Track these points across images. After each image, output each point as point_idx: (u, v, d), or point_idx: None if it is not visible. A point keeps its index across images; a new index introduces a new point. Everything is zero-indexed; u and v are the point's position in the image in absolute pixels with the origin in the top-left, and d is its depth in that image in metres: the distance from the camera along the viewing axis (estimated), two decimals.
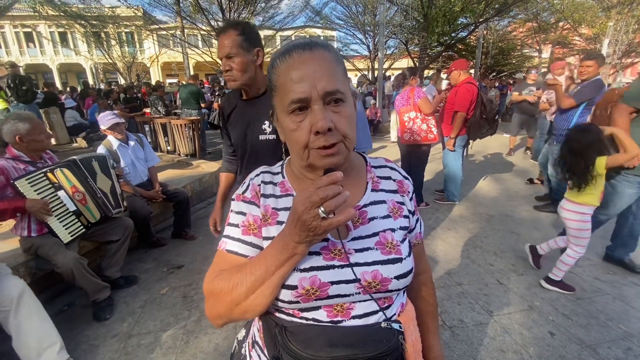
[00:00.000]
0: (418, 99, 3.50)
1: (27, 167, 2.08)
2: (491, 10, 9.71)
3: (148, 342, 1.98)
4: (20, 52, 24.30)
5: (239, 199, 0.70)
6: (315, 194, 0.48)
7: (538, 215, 3.64)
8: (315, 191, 0.48)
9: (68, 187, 2.17)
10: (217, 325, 0.63)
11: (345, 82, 0.61)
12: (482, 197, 4.24)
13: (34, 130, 2.06)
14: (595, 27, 15.19)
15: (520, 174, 5.18)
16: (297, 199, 0.51)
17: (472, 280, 2.50)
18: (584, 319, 2.07)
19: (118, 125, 2.90)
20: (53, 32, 22.68)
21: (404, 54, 13.26)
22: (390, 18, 12.09)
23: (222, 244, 0.67)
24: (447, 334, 1.97)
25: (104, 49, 15.56)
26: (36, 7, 12.48)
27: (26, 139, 2.04)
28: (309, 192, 0.49)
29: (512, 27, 17.93)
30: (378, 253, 0.63)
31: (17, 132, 2.01)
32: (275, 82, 0.61)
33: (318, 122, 0.55)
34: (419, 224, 0.78)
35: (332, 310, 0.62)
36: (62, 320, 2.16)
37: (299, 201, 0.50)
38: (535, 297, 2.27)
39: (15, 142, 2.03)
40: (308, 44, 0.59)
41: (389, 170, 0.76)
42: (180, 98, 6.38)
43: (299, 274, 0.59)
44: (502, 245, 3.01)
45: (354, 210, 0.49)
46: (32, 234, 2.07)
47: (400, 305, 0.71)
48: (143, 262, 2.89)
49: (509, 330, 1.98)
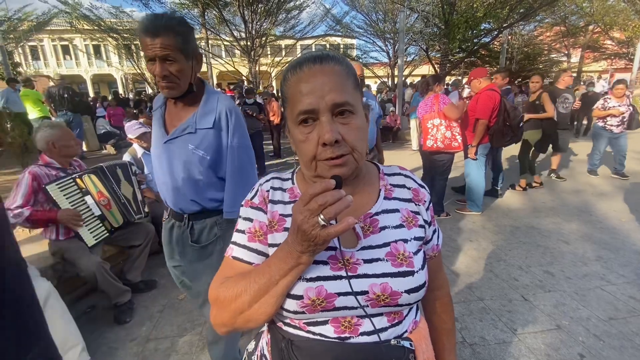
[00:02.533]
0: (443, 106, 3.44)
1: (58, 173, 2.19)
2: (516, 15, 9.47)
3: (165, 347, 2.01)
4: (58, 64, 25.96)
5: (247, 204, 0.70)
6: (314, 201, 0.46)
7: (566, 227, 3.47)
8: (314, 199, 0.46)
9: (94, 193, 2.26)
10: (221, 332, 0.63)
11: (356, 95, 0.60)
12: (506, 208, 4.09)
13: (65, 136, 2.19)
14: (628, 31, 14.50)
15: (547, 184, 4.96)
16: (296, 207, 0.50)
17: (494, 295, 2.39)
18: (617, 341, 1.93)
19: (145, 135, 3.02)
20: (88, 45, 24.10)
21: (425, 60, 13.12)
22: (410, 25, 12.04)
23: (229, 250, 0.68)
24: (467, 351, 1.89)
25: (133, 60, 16.34)
26: (73, 21, 13.31)
27: (58, 144, 2.16)
28: (307, 199, 0.47)
29: (539, 32, 17.42)
30: (388, 265, 0.61)
31: (50, 138, 2.13)
32: (286, 94, 0.61)
33: (325, 134, 0.55)
34: (436, 236, 0.75)
35: (339, 326, 0.60)
36: (84, 322, 2.24)
37: (297, 210, 0.49)
38: (563, 316, 2.15)
39: (48, 148, 2.15)
40: (319, 57, 0.59)
41: (403, 178, 0.74)
42: None
43: (305, 283, 0.58)
44: (528, 259, 2.88)
45: (352, 218, 0.47)
46: (60, 237, 2.16)
47: (413, 322, 0.68)
48: (163, 267, 2.93)
49: (535, 351, 1.87)
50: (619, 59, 17.94)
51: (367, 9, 14.84)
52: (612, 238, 3.20)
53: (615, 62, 19.53)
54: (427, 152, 3.61)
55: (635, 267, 2.68)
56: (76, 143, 2.28)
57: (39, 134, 2.14)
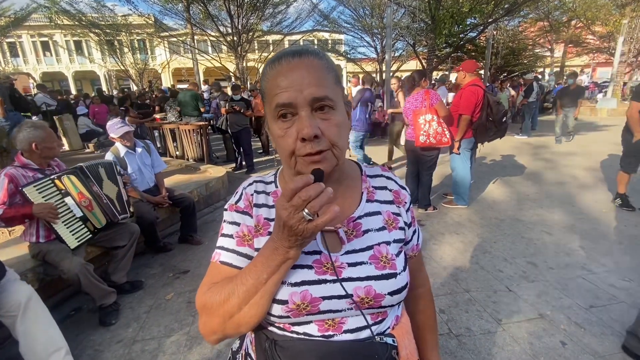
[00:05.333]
0: (436, 102, 3.46)
1: (36, 174, 2.12)
2: (500, 10, 9.56)
3: (152, 348, 1.99)
4: (37, 61, 25.12)
5: (232, 209, 0.69)
6: (297, 197, 0.46)
7: (549, 218, 3.55)
8: (297, 194, 0.46)
9: (75, 194, 2.20)
10: (211, 342, 0.61)
11: (337, 90, 0.59)
12: (491, 201, 4.16)
13: (48, 138, 2.12)
14: (609, 25, 14.85)
15: (531, 177, 5.07)
16: (279, 204, 0.49)
17: (480, 286, 2.44)
18: (597, 328, 1.99)
19: (128, 134, 2.95)
20: (69, 40, 23.38)
21: (412, 55, 13.17)
22: (397, 20, 12.05)
23: (216, 255, 0.66)
24: (453, 342, 1.92)
25: (117, 56, 15.92)
26: (52, 16, 12.88)
27: (41, 145, 2.09)
28: (289, 194, 0.47)
29: (523, 27, 17.67)
30: (372, 268, 0.61)
31: (33, 139, 2.06)
32: (265, 88, 0.60)
33: (304, 128, 0.53)
34: (416, 236, 0.76)
35: (323, 325, 0.60)
36: (69, 325, 2.20)
37: (281, 206, 0.48)
38: (546, 305, 2.20)
39: (30, 149, 2.08)
40: (298, 52, 0.58)
41: (385, 179, 0.74)
42: (180, 104, 6.43)
43: (289, 288, 0.58)
44: (512, 250, 2.94)
45: (337, 207, 0.47)
46: (40, 240, 2.10)
47: (395, 318, 0.68)
48: (149, 267, 2.92)
49: (518, 340, 1.92)
50: (601, 53, 18.37)
51: (354, 4, 14.75)
52: (594, 228, 3.29)
53: (597, 56, 20.00)
54: (418, 148, 3.63)
55: (615, 256, 2.76)
56: (58, 144, 2.22)
57: (21, 134, 2.06)
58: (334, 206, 0.47)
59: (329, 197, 0.46)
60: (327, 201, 0.46)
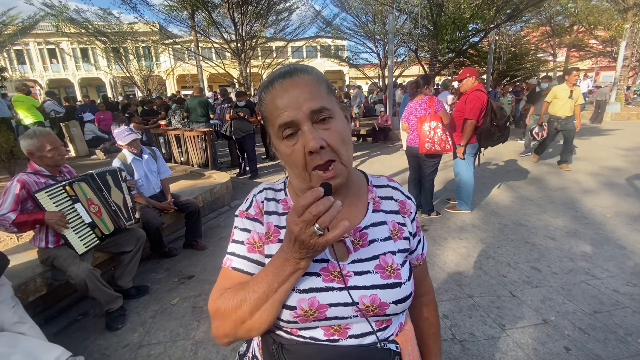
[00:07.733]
0: (441, 109, 3.48)
1: (48, 180, 2.17)
2: (502, 16, 9.62)
3: (157, 352, 2.01)
4: (44, 68, 25.50)
5: (242, 215, 0.71)
6: (308, 212, 0.48)
7: (552, 223, 3.55)
8: (308, 209, 0.48)
9: (84, 200, 2.25)
10: (223, 344, 0.63)
11: (331, 99, 0.62)
12: (495, 206, 4.16)
13: (42, 146, 2.12)
14: (612, 30, 14.84)
15: (535, 182, 5.06)
16: (290, 218, 0.51)
17: (483, 292, 2.44)
18: (601, 333, 1.99)
19: (135, 141, 3.01)
20: (75, 48, 23.77)
21: (415, 61, 13.23)
22: (399, 26, 12.14)
23: (227, 261, 0.68)
24: (457, 348, 1.93)
25: (122, 63, 16.15)
26: (59, 24, 13.10)
27: (36, 154, 2.13)
28: (300, 210, 0.49)
29: (525, 32, 17.70)
30: (377, 277, 0.63)
31: (28, 148, 2.11)
32: (265, 113, 0.63)
33: (309, 142, 0.56)
34: (420, 246, 0.78)
35: (329, 330, 0.62)
36: (76, 330, 2.24)
37: (292, 222, 0.50)
38: (550, 311, 2.20)
39: (30, 156, 2.13)
40: (287, 72, 0.61)
41: (391, 190, 0.76)
42: (189, 110, 6.48)
43: (298, 294, 0.60)
44: (516, 255, 2.94)
45: (347, 222, 0.49)
46: (49, 245, 2.14)
47: (399, 325, 0.70)
48: (155, 272, 2.95)
49: (522, 345, 1.92)
50: (604, 57, 18.33)
51: (356, 10, 14.90)
52: (597, 233, 3.29)
53: (600, 60, 19.95)
54: (422, 155, 3.64)
55: (619, 261, 2.76)
56: (58, 153, 2.19)
57: (21, 142, 2.13)
58: (344, 221, 0.49)
59: (338, 210, 0.48)
60: (337, 214, 0.48)
